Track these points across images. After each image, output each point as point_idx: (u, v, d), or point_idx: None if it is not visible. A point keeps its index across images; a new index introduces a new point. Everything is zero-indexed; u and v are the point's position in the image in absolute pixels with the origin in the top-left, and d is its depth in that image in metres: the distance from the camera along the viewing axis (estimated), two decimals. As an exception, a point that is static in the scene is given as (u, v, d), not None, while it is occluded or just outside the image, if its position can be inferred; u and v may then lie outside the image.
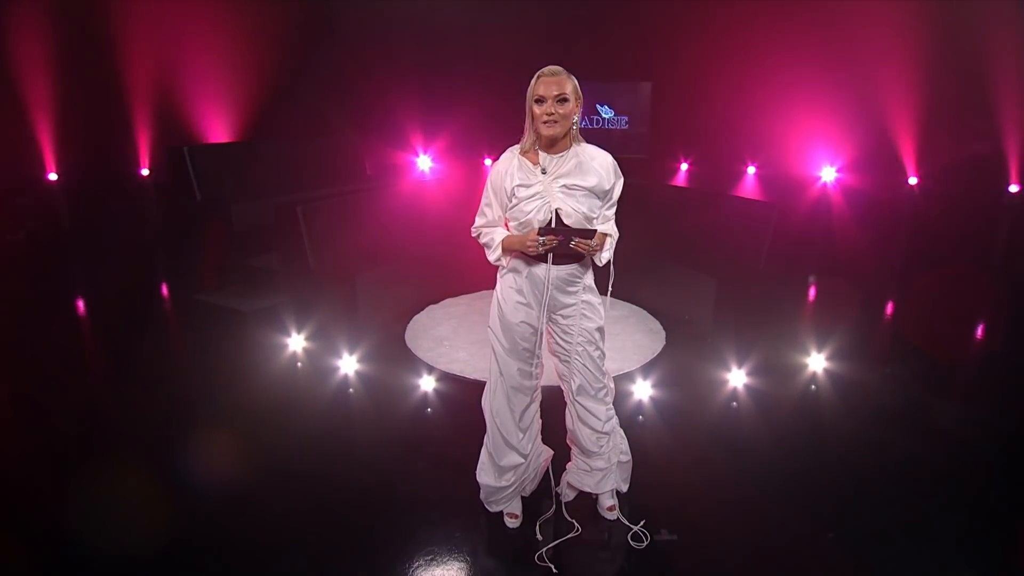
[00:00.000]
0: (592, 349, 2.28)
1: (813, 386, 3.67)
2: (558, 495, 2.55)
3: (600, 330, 2.29)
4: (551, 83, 2.02)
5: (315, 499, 2.65)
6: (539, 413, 2.43)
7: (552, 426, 2.54)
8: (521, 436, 2.36)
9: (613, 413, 2.40)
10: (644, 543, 2.36)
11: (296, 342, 4.14)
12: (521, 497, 2.49)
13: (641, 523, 2.44)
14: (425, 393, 3.57)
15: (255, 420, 3.26)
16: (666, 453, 2.97)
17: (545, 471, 2.49)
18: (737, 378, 3.67)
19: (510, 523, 2.45)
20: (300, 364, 3.94)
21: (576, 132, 2.14)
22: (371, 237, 4.99)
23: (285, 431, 3.17)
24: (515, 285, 2.23)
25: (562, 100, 2.02)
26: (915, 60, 5.86)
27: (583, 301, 2.24)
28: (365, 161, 7.42)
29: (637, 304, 4.70)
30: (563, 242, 2.03)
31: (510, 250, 2.18)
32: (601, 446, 2.38)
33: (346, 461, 2.92)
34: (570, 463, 2.53)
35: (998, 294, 5.19)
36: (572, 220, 2.08)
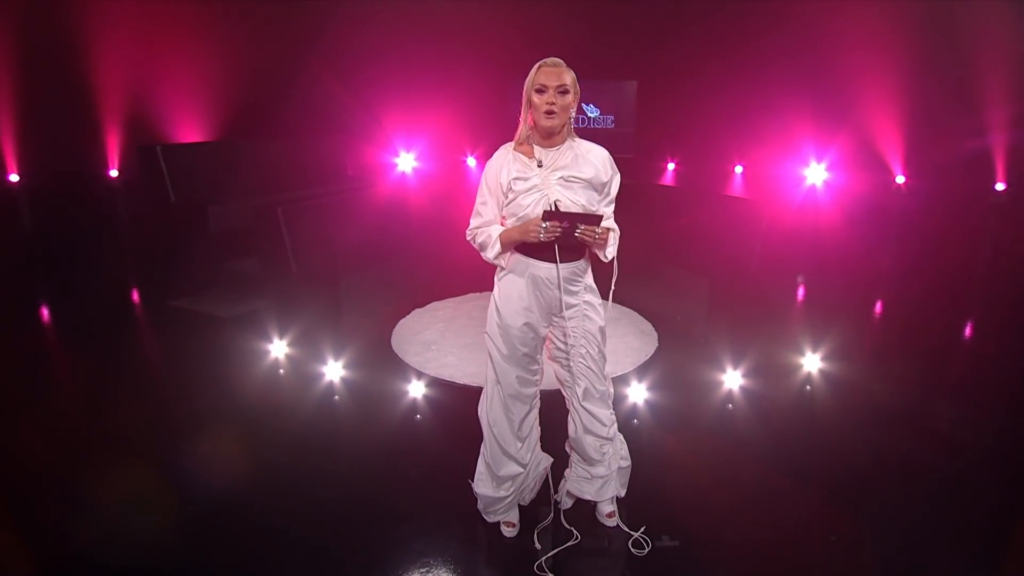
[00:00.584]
0: (595, 351, 2.26)
1: (808, 387, 3.70)
2: (556, 503, 2.52)
3: (602, 331, 2.27)
4: (552, 73, 2.01)
5: (303, 511, 2.60)
6: (538, 421, 2.40)
7: (549, 430, 2.52)
8: (519, 445, 2.33)
9: (615, 417, 2.39)
10: (645, 550, 2.35)
11: (278, 348, 4.07)
12: (519, 505, 2.46)
13: (641, 529, 2.42)
14: (414, 399, 3.53)
15: (236, 430, 3.19)
16: (662, 457, 2.96)
17: (544, 479, 2.46)
18: (732, 379, 3.69)
19: (507, 532, 2.42)
20: (283, 371, 3.88)
21: (571, 127, 2.12)
22: (354, 239, 4.92)
23: (269, 441, 3.10)
24: (515, 287, 2.18)
25: (563, 91, 2.01)
26: (901, 58, 5.97)
27: (585, 301, 2.22)
28: (346, 161, 7.34)
29: (628, 305, 4.70)
30: (568, 230, 1.99)
31: (509, 243, 2.13)
32: (604, 453, 2.36)
33: (334, 471, 2.86)
34: (568, 470, 2.50)
35: (987, 292, 5.30)
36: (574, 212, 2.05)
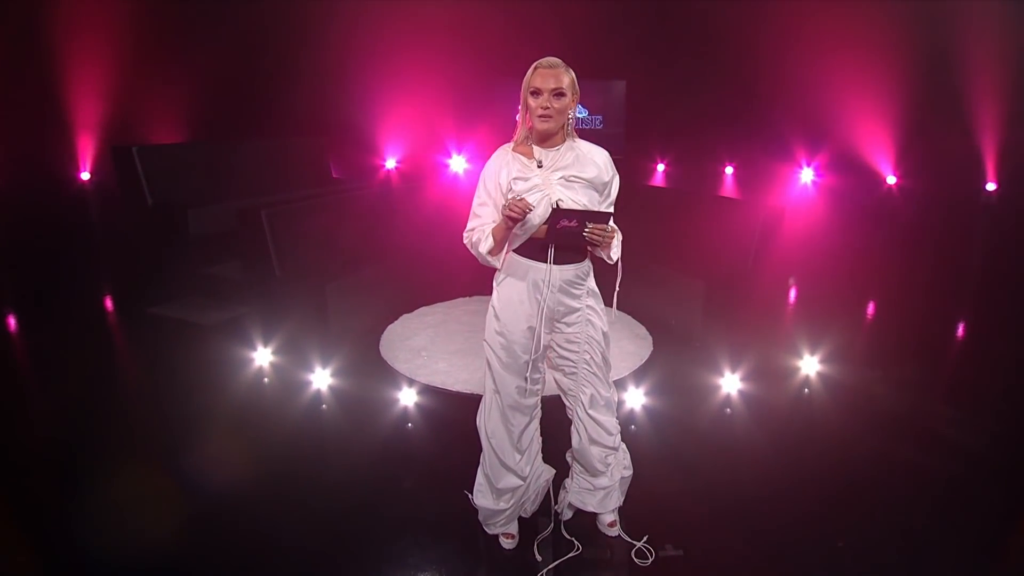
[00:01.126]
0: (599, 357, 2.24)
1: (806, 390, 3.72)
2: (557, 513, 2.50)
3: (606, 335, 2.25)
4: (548, 76, 1.98)
5: (292, 526, 2.54)
6: (539, 431, 2.37)
7: (550, 439, 2.49)
8: (519, 458, 2.30)
9: (619, 425, 2.37)
10: (649, 560, 2.33)
11: (262, 356, 4.00)
12: (520, 517, 2.43)
13: (644, 539, 2.41)
14: (405, 407, 3.49)
15: (220, 443, 3.13)
16: (661, 463, 2.95)
17: (546, 491, 2.43)
18: (729, 383, 3.69)
19: (506, 544, 2.39)
20: (267, 380, 3.82)
21: (571, 127, 2.11)
22: (340, 243, 4.88)
23: (254, 453, 3.05)
24: (515, 291, 2.16)
25: (558, 95, 1.99)
26: (890, 58, 6.06)
27: (588, 305, 2.21)
28: (330, 163, 7.28)
29: (621, 309, 4.70)
30: (576, 229, 1.97)
31: (500, 234, 2.07)
32: (608, 463, 2.34)
33: (324, 483, 2.82)
34: (569, 480, 2.48)
35: (981, 292, 5.39)
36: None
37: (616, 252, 2.14)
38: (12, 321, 4.73)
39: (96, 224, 6.99)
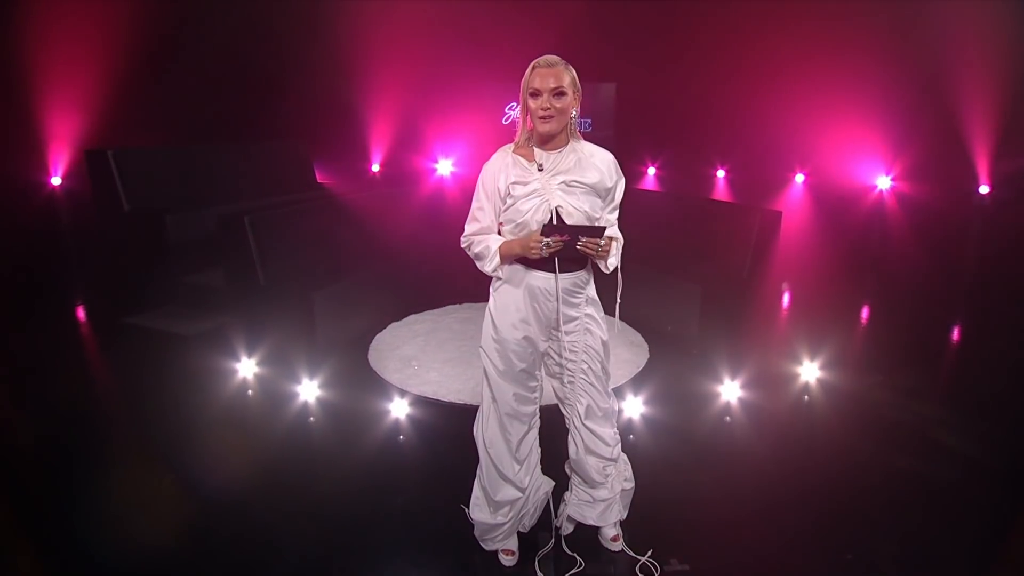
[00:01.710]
0: (598, 367, 2.22)
1: (806, 396, 3.72)
2: (557, 528, 2.46)
3: (605, 345, 2.23)
4: (547, 75, 1.96)
5: (281, 545, 2.49)
6: (538, 441, 2.34)
7: (548, 449, 2.45)
8: (518, 468, 2.27)
9: (619, 436, 2.34)
10: (655, 575, 2.30)
11: (246, 367, 3.94)
12: (518, 532, 2.39)
13: (648, 553, 2.38)
14: (397, 419, 3.44)
15: (201, 459, 3.06)
16: (663, 474, 2.92)
17: (545, 504, 2.39)
18: (728, 391, 3.68)
19: (506, 561, 2.35)
20: (252, 392, 3.76)
21: (574, 127, 2.08)
22: (326, 249, 4.82)
23: (239, 469, 2.99)
24: (512, 298, 2.13)
25: (559, 94, 1.97)
26: (883, 58, 6.13)
27: (586, 314, 2.18)
28: (314, 167, 7.21)
29: (611, 314, 4.69)
30: (569, 243, 1.96)
31: (509, 256, 2.08)
32: (607, 475, 2.31)
33: (313, 499, 2.76)
34: (569, 493, 2.45)
35: (976, 295, 5.45)
36: (574, 220, 2.02)
37: (614, 260, 2.13)
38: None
39: (68, 232, 6.84)
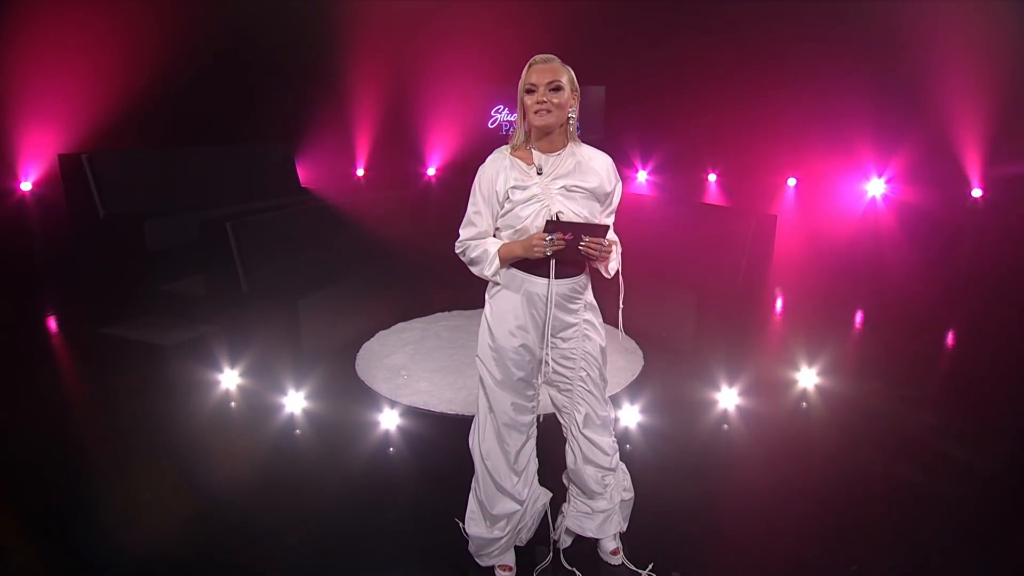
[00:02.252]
0: (596, 374, 2.21)
1: (804, 403, 3.74)
2: (555, 542, 2.44)
3: (603, 351, 2.22)
4: (543, 70, 1.98)
5: (268, 565, 2.44)
6: (535, 452, 2.32)
7: (546, 460, 2.43)
8: (516, 480, 2.25)
9: (617, 445, 2.33)
10: (656, 589, 2.29)
11: (229, 379, 3.89)
12: (515, 546, 2.36)
13: (650, 567, 2.37)
14: (387, 431, 3.40)
15: (183, 474, 3.01)
16: (662, 484, 2.91)
17: (543, 517, 2.37)
18: (726, 398, 3.69)
19: (503, 577, 2.32)
20: (235, 404, 3.71)
21: (573, 130, 2.08)
22: (311, 256, 4.79)
23: (222, 485, 2.94)
24: (509, 304, 2.12)
25: (556, 88, 1.97)
26: (875, 61, 6.21)
27: (585, 320, 2.17)
28: (298, 170, 7.16)
29: (608, 322, 4.69)
30: (572, 243, 1.94)
31: (508, 259, 2.07)
32: (606, 485, 2.30)
33: (300, 516, 2.72)
34: (566, 505, 2.43)
35: (971, 299, 5.52)
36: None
37: (615, 265, 2.12)
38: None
39: (39, 240, 6.71)
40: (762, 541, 2.57)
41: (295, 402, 3.61)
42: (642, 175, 8.49)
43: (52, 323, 5.04)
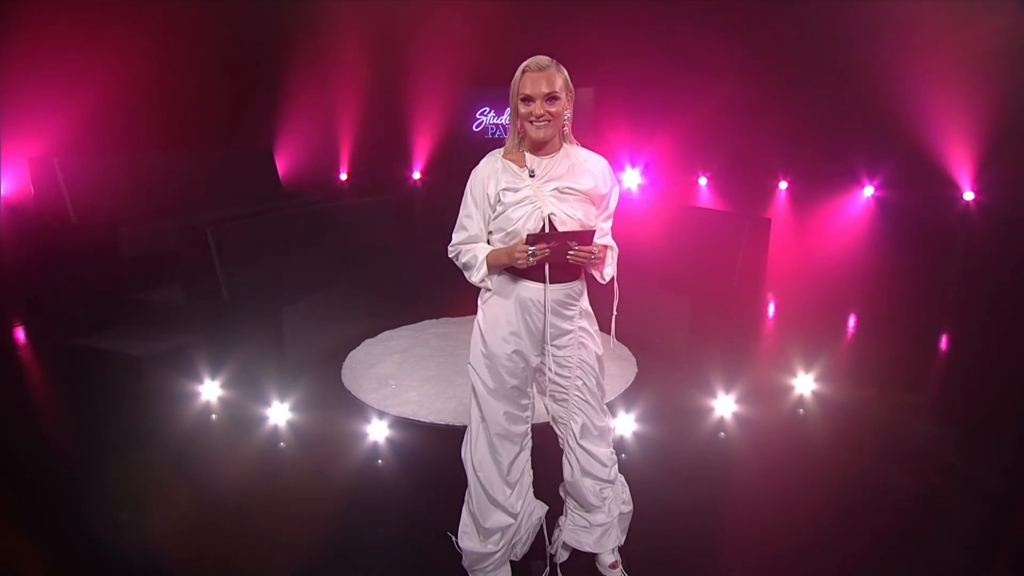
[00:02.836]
0: (593, 383, 2.20)
1: (801, 410, 3.76)
2: (552, 556, 2.42)
3: (600, 359, 2.21)
4: (539, 79, 1.95)
5: (254, 584, 2.39)
6: (530, 463, 2.30)
7: (541, 471, 2.41)
8: (509, 492, 2.23)
9: (615, 456, 2.32)
10: (656, 604, 2.28)
11: (210, 390, 3.84)
12: (510, 561, 2.34)
13: (649, 581, 2.35)
14: (375, 443, 3.37)
15: (161, 491, 2.95)
16: (658, 494, 2.90)
17: (538, 530, 2.35)
18: (722, 406, 3.69)
19: (498, 593, 2.30)
20: (216, 416, 3.66)
21: (567, 131, 2.08)
22: (294, 262, 4.75)
23: (202, 501, 2.89)
24: (502, 310, 2.11)
25: (552, 99, 1.96)
26: (868, 62, 6.29)
27: (580, 327, 2.16)
28: (280, 175, 7.11)
29: (601, 328, 4.69)
30: (558, 249, 1.93)
31: (496, 266, 2.06)
32: (604, 497, 2.28)
33: (286, 533, 2.68)
34: (563, 518, 2.42)
35: (966, 304, 5.59)
36: (568, 228, 2.01)
37: (610, 270, 2.13)
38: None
39: (6, 247, 6.58)
40: (764, 554, 2.57)
41: (279, 414, 3.57)
42: (632, 178, 8.52)
43: (21, 334, 4.94)
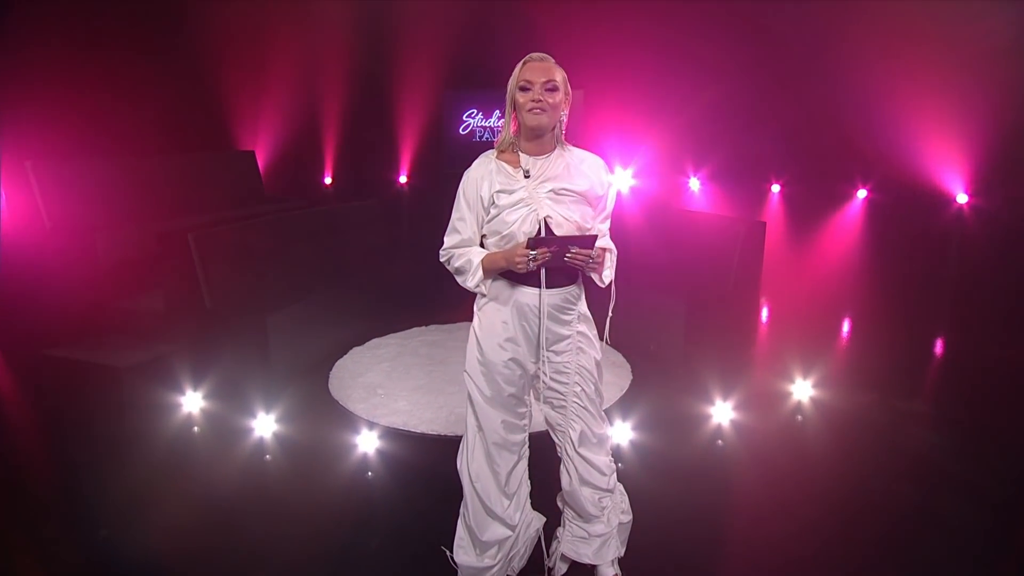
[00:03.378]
0: (592, 389, 2.19)
1: (799, 416, 3.77)
2: (550, 570, 2.40)
3: (599, 365, 2.21)
4: (539, 69, 1.98)
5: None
6: (527, 474, 2.28)
7: (537, 481, 2.39)
8: (507, 504, 2.20)
9: (614, 465, 2.30)
10: (657, 617, 2.26)
11: (192, 401, 3.79)
12: (507, 574, 2.31)
13: (650, 593, 2.33)
14: (364, 454, 3.34)
15: (141, 506, 2.91)
16: (656, 504, 2.88)
17: (536, 542, 2.33)
18: (719, 413, 3.69)
19: (494, 609, 2.27)
20: (198, 429, 3.61)
21: (561, 134, 2.08)
22: (279, 268, 4.71)
23: (184, 518, 2.84)
24: (498, 316, 2.10)
25: (551, 88, 1.97)
26: (863, 64, 6.37)
27: (579, 332, 2.15)
28: (264, 179, 7.06)
29: (604, 334, 4.68)
30: (558, 253, 1.93)
31: (492, 271, 2.05)
32: (603, 507, 2.26)
33: (273, 549, 2.64)
34: (561, 529, 2.39)
35: (961, 308, 5.66)
36: (564, 230, 2.01)
37: (608, 274, 2.12)
38: None
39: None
40: (766, 565, 2.56)
41: (265, 425, 3.53)
42: (624, 180, 8.54)
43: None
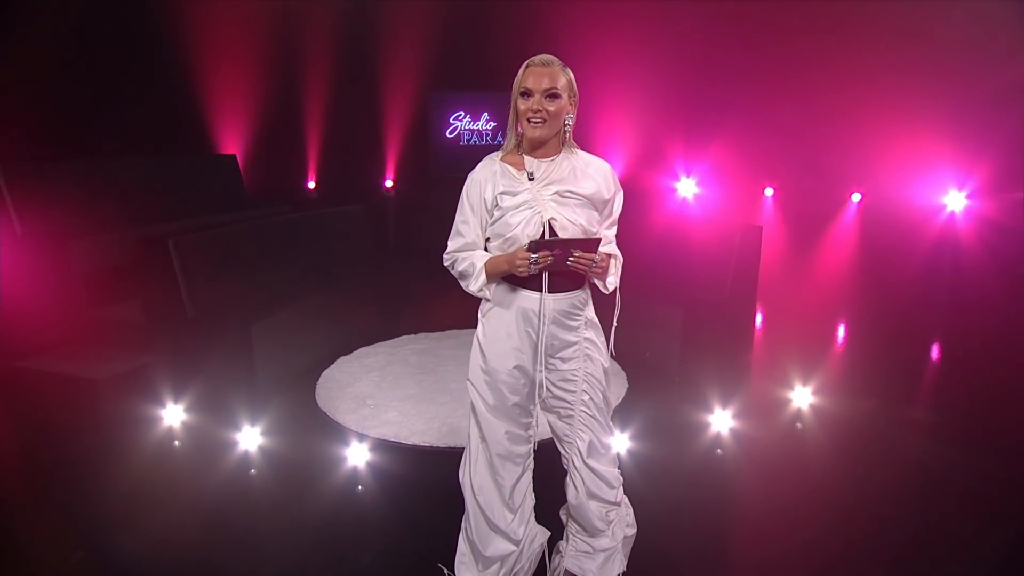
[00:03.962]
0: (599, 398, 2.16)
1: (798, 424, 3.77)
2: (552, 584, 2.35)
3: (607, 372, 2.18)
4: (542, 74, 1.94)
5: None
6: (532, 487, 2.23)
7: (541, 494, 2.34)
8: (511, 518, 2.16)
9: (621, 477, 2.26)
10: (664, 635, 2.22)
11: (173, 414, 3.71)
12: (509, 592, 2.27)
13: (656, 610, 2.30)
14: (354, 467, 3.29)
15: (120, 525, 2.84)
16: (657, 516, 2.84)
17: (540, 558, 2.28)
18: (718, 421, 3.68)
19: (496, 628, 2.21)
20: (179, 443, 3.54)
21: (569, 136, 2.05)
22: (264, 276, 4.65)
23: (166, 536, 2.78)
24: (502, 323, 2.06)
25: (553, 96, 1.94)
26: (860, 65, 6.43)
27: (585, 339, 2.12)
28: (246, 182, 6.99)
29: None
30: (560, 256, 1.89)
31: (495, 274, 2.02)
32: (610, 521, 2.23)
33: (260, 566, 2.59)
34: (564, 543, 2.35)
35: (959, 309, 5.71)
36: (568, 233, 1.99)
37: (613, 280, 2.10)
38: None
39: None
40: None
41: (250, 438, 3.47)
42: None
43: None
